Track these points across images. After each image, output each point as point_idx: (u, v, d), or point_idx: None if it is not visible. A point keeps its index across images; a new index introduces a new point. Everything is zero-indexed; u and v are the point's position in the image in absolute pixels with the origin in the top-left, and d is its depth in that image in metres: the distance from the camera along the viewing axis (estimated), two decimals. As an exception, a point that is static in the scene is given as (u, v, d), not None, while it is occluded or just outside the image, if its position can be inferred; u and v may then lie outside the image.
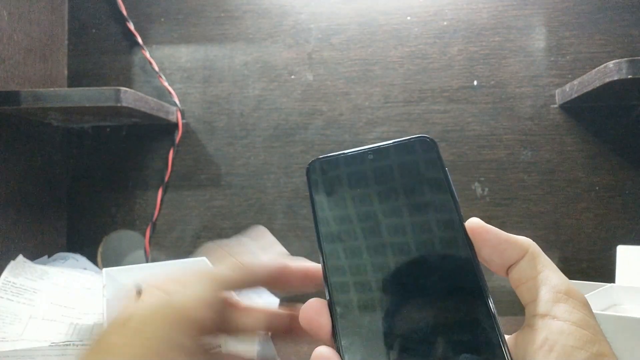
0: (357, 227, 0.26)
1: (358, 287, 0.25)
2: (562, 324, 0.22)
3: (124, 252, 0.84)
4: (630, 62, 0.59)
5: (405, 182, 0.26)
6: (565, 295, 0.22)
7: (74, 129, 0.85)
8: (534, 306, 0.23)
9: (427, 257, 0.24)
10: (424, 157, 0.26)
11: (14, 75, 0.71)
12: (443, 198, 0.25)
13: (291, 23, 0.83)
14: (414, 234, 0.25)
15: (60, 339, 0.56)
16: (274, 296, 0.80)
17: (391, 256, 0.25)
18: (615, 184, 0.78)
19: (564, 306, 0.22)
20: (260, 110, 0.83)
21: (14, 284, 0.62)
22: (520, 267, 0.24)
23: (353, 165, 0.27)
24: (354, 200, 0.26)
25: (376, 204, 0.26)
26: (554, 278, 0.23)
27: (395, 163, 0.27)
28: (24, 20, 0.74)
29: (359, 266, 0.25)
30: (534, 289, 0.23)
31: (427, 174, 0.26)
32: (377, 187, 0.26)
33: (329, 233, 0.26)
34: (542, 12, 0.80)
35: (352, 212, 0.26)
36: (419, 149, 0.27)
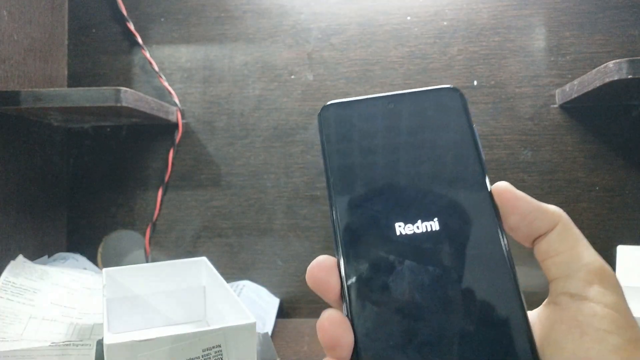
0: (371, 181, 0.23)
1: (371, 246, 0.22)
2: (594, 306, 0.20)
3: (124, 252, 0.84)
4: (630, 62, 0.59)
5: (426, 134, 0.24)
6: (599, 276, 0.21)
7: (74, 129, 0.85)
8: (562, 284, 0.21)
9: (447, 221, 0.22)
10: (449, 109, 0.24)
11: (14, 75, 0.71)
12: (468, 156, 0.23)
13: (291, 23, 0.83)
14: (433, 194, 0.23)
15: (60, 339, 0.56)
16: (274, 296, 0.80)
17: (407, 215, 0.22)
18: (615, 184, 0.78)
19: (597, 288, 0.20)
20: (260, 110, 0.83)
21: (14, 284, 0.62)
22: (550, 240, 0.22)
23: (371, 113, 0.24)
24: (369, 151, 0.24)
25: (393, 157, 0.23)
26: (587, 255, 0.22)
27: (417, 113, 0.24)
28: (24, 20, 0.74)
29: (372, 222, 0.22)
30: (564, 265, 0.21)
31: (451, 128, 0.24)
32: (395, 138, 0.24)
33: (340, 185, 0.23)
34: (542, 12, 0.80)
35: (367, 163, 0.23)
36: (444, 100, 0.24)
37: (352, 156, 0.24)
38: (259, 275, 0.82)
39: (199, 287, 0.65)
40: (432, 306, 0.21)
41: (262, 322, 0.70)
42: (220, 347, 0.45)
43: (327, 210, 0.81)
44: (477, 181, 0.23)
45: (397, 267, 0.22)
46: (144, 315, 0.63)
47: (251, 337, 0.46)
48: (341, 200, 0.23)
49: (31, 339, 0.56)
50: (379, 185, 0.23)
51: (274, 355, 0.59)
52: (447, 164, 0.23)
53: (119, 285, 0.62)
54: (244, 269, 0.82)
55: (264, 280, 0.81)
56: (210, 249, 0.83)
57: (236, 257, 0.83)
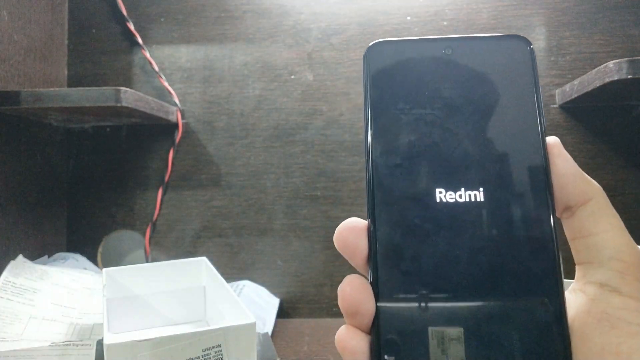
0: (415, 138, 0.21)
1: (405, 211, 0.20)
2: (626, 300, 0.19)
3: (124, 252, 0.84)
4: (630, 62, 0.59)
5: (483, 91, 0.21)
6: (633, 267, 0.19)
7: (74, 129, 0.85)
8: (592, 271, 0.20)
9: (493, 193, 0.20)
10: (513, 64, 0.22)
11: (14, 75, 0.71)
12: (527, 123, 0.21)
13: (291, 23, 0.83)
14: (482, 161, 0.20)
15: (60, 339, 0.56)
16: (274, 296, 0.80)
17: (450, 182, 0.20)
18: (615, 184, 0.78)
19: (630, 279, 0.19)
20: (260, 110, 0.83)
21: (14, 284, 0.62)
22: (582, 216, 0.21)
23: (424, 58, 0.22)
24: (416, 104, 0.21)
25: (442, 113, 0.21)
26: (622, 242, 0.20)
27: (476, 64, 0.21)
28: (24, 20, 0.74)
29: (411, 185, 0.20)
30: (595, 250, 0.20)
31: (513, 86, 0.21)
32: (447, 91, 0.21)
33: (380, 139, 0.21)
34: (542, 12, 0.80)
35: (412, 118, 0.21)
36: (509, 52, 0.22)
37: (397, 108, 0.21)
38: (259, 275, 0.82)
39: (199, 287, 0.65)
40: (464, 284, 0.19)
41: (262, 322, 0.70)
42: (220, 347, 0.45)
43: (327, 210, 0.81)
44: (534, 153, 0.20)
45: (431, 236, 0.20)
46: (144, 315, 0.63)
47: (251, 337, 0.46)
48: (379, 156, 0.21)
49: (31, 339, 0.56)
50: (423, 144, 0.21)
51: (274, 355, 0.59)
52: (503, 128, 0.21)
53: (119, 285, 0.62)
54: (244, 269, 0.82)
55: (264, 280, 0.81)
56: (210, 249, 0.83)
57: (236, 257, 0.83)
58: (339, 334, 0.20)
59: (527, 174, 0.20)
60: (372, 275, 0.20)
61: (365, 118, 0.21)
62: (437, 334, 0.19)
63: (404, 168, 0.21)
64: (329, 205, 0.81)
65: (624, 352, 0.18)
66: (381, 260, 0.20)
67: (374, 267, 0.20)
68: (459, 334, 0.19)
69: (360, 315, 0.20)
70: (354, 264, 0.21)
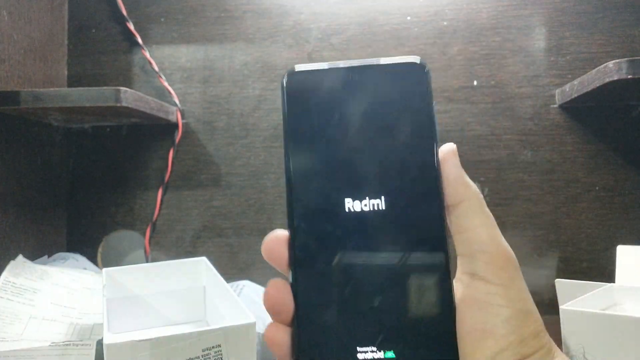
0: (325, 155, 0.24)
1: (318, 219, 0.24)
2: (490, 286, 0.23)
3: (124, 252, 0.84)
4: (630, 62, 0.59)
5: (384, 111, 0.24)
6: (496, 258, 0.23)
7: (74, 129, 0.85)
8: (466, 262, 0.24)
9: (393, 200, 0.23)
10: (411, 86, 0.24)
11: (14, 75, 0.71)
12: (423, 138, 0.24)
13: (291, 23, 0.83)
14: (383, 172, 0.24)
15: (60, 339, 0.56)
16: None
17: (356, 192, 0.24)
18: (615, 184, 0.78)
19: (493, 269, 0.23)
20: (260, 110, 0.83)
21: (14, 284, 0.62)
22: (458, 214, 0.24)
23: (333, 83, 0.25)
24: (326, 124, 0.24)
25: (349, 132, 0.24)
26: (488, 237, 0.23)
27: (379, 88, 0.24)
28: (24, 20, 0.74)
29: (322, 197, 0.24)
30: (467, 244, 0.23)
31: (411, 105, 0.24)
32: (353, 113, 0.24)
33: (296, 157, 0.24)
34: (542, 12, 0.80)
35: (323, 137, 0.24)
36: (408, 75, 0.25)
37: (309, 128, 0.24)
38: (259, 275, 0.82)
39: (199, 287, 0.65)
40: (367, 281, 0.23)
41: (262, 322, 0.70)
42: (220, 347, 0.45)
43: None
44: (427, 163, 0.24)
45: (340, 241, 0.23)
46: (144, 315, 0.63)
47: (251, 337, 0.46)
48: (295, 171, 0.24)
49: (31, 339, 0.56)
50: (333, 160, 0.24)
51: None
52: (401, 143, 0.24)
53: (119, 285, 0.62)
54: (244, 269, 0.82)
55: (264, 280, 0.81)
56: (210, 249, 0.83)
57: (236, 257, 0.83)
58: (267, 329, 0.24)
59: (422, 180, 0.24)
60: (292, 278, 0.23)
61: (284, 137, 0.24)
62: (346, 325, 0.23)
63: (316, 184, 0.24)
64: (329, 205, 0.81)
65: (488, 330, 0.22)
66: (298, 265, 0.23)
67: (293, 271, 0.23)
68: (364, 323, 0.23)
69: (282, 313, 0.23)
70: (280, 269, 0.24)
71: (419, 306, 0.23)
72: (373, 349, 0.22)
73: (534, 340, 0.22)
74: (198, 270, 0.65)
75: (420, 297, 0.23)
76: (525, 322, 0.22)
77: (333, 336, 0.23)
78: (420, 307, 0.23)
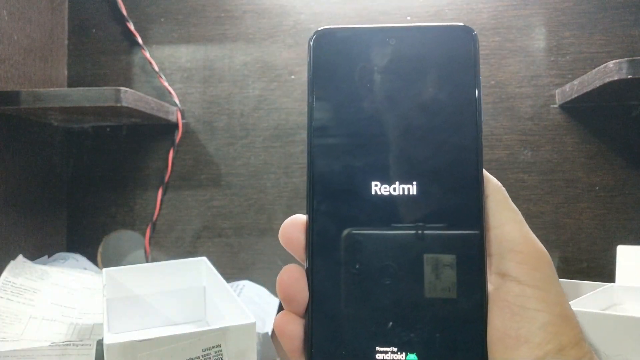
0: (354, 131, 0.21)
1: (340, 203, 0.21)
2: (524, 288, 0.20)
3: (124, 252, 0.84)
4: (630, 62, 0.59)
5: (423, 82, 0.21)
6: (528, 256, 0.21)
7: (74, 129, 0.85)
8: (495, 262, 0.21)
9: (426, 188, 0.21)
10: (456, 54, 0.21)
11: (14, 75, 0.71)
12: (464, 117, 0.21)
13: (291, 23, 0.83)
14: (417, 155, 0.21)
15: (60, 339, 0.56)
16: (274, 296, 0.80)
17: (385, 175, 0.21)
18: (615, 184, 0.78)
19: (526, 268, 0.21)
20: (260, 110, 0.83)
21: (14, 284, 0.62)
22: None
23: (367, 48, 0.21)
24: (357, 96, 0.21)
25: (382, 106, 0.21)
26: (518, 235, 0.21)
27: (419, 54, 0.21)
28: (24, 20, 0.74)
29: (347, 178, 0.21)
30: (496, 243, 0.21)
31: (454, 77, 0.21)
32: (388, 83, 0.21)
33: (320, 131, 0.21)
34: (542, 12, 0.80)
35: (352, 111, 0.21)
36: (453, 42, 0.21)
37: (337, 100, 0.21)
38: (259, 275, 0.82)
39: (199, 287, 0.65)
40: (391, 274, 0.21)
41: (262, 322, 0.70)
42: (220, 347, 0.45)
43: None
44: (468, 146, 0.21)
45: (363, 229, 0.21)
46: (144, 315, 0.63)
47: (251, 337, 0.46)
48: (319, 148, 0.21)
49: (31, 339, 0.56)
50: (361, 136, 0.21)
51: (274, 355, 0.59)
52: (440, 122, 0.21)
53: (119, 285, 0.62)
54: (244, 269, 0.82)
55: (264, 280, 0.81)
56: (210, 249, 0.83)
57: (236, 257, 0.83)
58: (277, 319, 0.22)
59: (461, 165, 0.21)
60: (308, 265, 0.21)
61: (308, 109, 0.22)
62: (365, 321, 0.20)
63: (341, 162, 0.21)
64: (329, 205, 0.81)
65: (522, 336, 0.20)
66: (315, 251, 0.21)
67: (309, 257, 0.21)
68: (386, 319, 0.20)
69: (295, 302, 0.21)
70: (297, 256, 0.22)
71: (448, 306, 0.20)
72: (394, 350, 0.20)
73: (574, 349, 0.20)
74: (198, 270, 0.65)
75: (450, 297, 0.21)
76: (564, 329, 0.20)
77: (350, 332, 0.20)
78: (448, 307, 0.20)
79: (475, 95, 0.21)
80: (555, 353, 0.20)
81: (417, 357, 0.20)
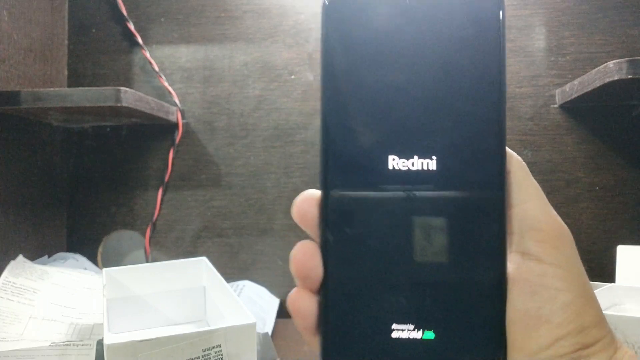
0: (370, 102, 0.20)
1: (355, 177, 0.20)
2: (545, 266, 0.20)
3: (124, 252, 0.84)
4: (630, 62, 0.59)
5: (444, 50, 0.20)
6: (549, 235, 0.21)
7: (74, 129, 0.85)
8: (515, 241, 0.21)
9: (446, 162, 0.20)
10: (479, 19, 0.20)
11: (14, 75, 0.71)
12: (487, 88, 0.20)
13: (291, 23, 0.83)
14: (438, 128, 0.20)
15: (60, 339, 0.56)
16: (274, 296, 0.80)
17: (403, 148, 0.20)
18: (615, 184, 0.78)
19: (548, 247, 0.20)
20: (260, 110, 0.83)
21: (14, 284, 0.62)
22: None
23: (384, 12, 0.21)
24: (373, 64, 0.20)
25: (400, 75, 0.20)
26: (540, 213, 0.21)
27: (440, 19, 0.20)
28: (24, 20, 0.74)
29: (363, 151, 0.20)
30: (517, 221, 0.21)
31: (476, 46, 0.20)
32: (407, 50, 0.20)
33: (335, 103, 0.21)
34: (542, 12, 0.80)
35: (368, 80, 0.20)
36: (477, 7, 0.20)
37: (352, 66, 0.21)
38: (259, 275, 0.82)
39: (199, 287, 0.65)
40: (408, 250, 0.20)
41: (262, 322, 0.70)
42: (220, 347, 0.45)
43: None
44: (491, 122, 0.20)
45: (379, 203, 0.20)
46: (144, 315, 0.63)
47: (251, 337, 0.46)
48: (333, 120, 0.20)
49: (31, 339, 0.56)
50: (378, 107, 0.20)
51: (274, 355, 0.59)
52: (462, 93, 0.20)
53: (119, 285, 0.62)
54: (244, 269, 0.82)
55: (264, 280, 0.81)
56: (210, 249, 0.83)
57: (236, 257, 0.83)
58: (290, 295, 0.21)
59: (483, 141, 0.20)
60: (321, 241, 0.21)
61: (321, 78, 0.21)
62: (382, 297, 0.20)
63: (356, 134, 0.20)
64: (329, 205, 0.81)
65: (543, 316, 0.19)
66: (329, 225, 0.20)
67: (323, 232, 0.20)
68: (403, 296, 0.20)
69: (309, 278, 0.21)
70: (311, 233, 0.22)
71: (467, 284, 0.20)
72: (410, 328, 0.20)
73: (595, 329, 0.20)
74: (198, 270, 0.65)
75: (469, 274, 0.20)
76: (586, 309, 0.20)
77: (365, 309, 0.20)
78: (468, 285, 0.20)
79: (500, 65, 0.20)
80: (576, 333, 0.19)
81: (435, 335, 0.20)
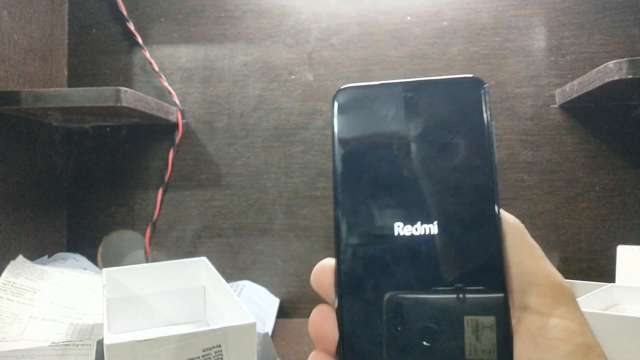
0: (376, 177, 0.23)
1: (365, 243, 0.22)
2: (546, 320, 0.21)
3: (124, 252, 0.84)
4: (630, 62, 0.59)
5: (440, 130, 0.23)
6: (549, 289, 0.22)
7: (74, 129, 0.85)
8: (517, 296, 0.22)
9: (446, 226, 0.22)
10: (467, 104, 0.23)
11: (14, 75, 0.71)
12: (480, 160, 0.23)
13: (291, 23, 0.83)
14: (437, 196, 0.22)
15: (60, 339, 0.56)
16: (274, 296, 0.80)
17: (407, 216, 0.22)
18: (615, 184, 0.78)
19: (549, 301, 0.21)
20: (260, 110, 0.83)
21: (14, 284, 0.62)
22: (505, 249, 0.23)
23: (386, 101, 0.24)
24: (378, 145, 0.23)
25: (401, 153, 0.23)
26: (538, 269, 0.22)
27: (434, 105, 0.23)
28: (24, 20, 0.74)
29: (371, 220, 0.22)
30: (517, 278, 0.22)
31: (467, 125, 0.23)
32: (407, 132, 0.23)
33: (346, 180, 0.23)
34: (542, 12, 0.80)
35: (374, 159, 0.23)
36: (464, 93, 0.23)
37: (361, 150, 0.23)
38: (259, 275, 0.82)
39: (199, 287, 0.65)
40: (415, 314, 0.22)
41: (262, 322, 0.70)
42: (220, 347, 0.45)
43: (327, 210, 0.81)
44: (485, 188, 0.22)
45: (388, 269, 0.22)
46: (144, 315, 0.63)
47: (251, 337, 0.46)
48: (345, 195, 0.23)
49: (31, 339, 0.56)
50: (384, 184, 0.23)
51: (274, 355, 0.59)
52: (457, 165, 0.23)
53: (119, 285, 0.62)
54: (244, 269, 0.82)
55: (264, 280, 0.81)
56: (210, 249, 0.83)
57: (236, 257, 0.83)
58: (310, 358, 0.23)
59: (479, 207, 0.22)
60: (337, 305, 0.22)
61: (332, 159, 0.24)
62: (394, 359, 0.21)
63: (365, 205, 0.23)
64: (329, 205, 0.81)
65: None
66: (343, 292, 0.22)
67: (338, 298, 0.22)
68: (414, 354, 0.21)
69: (327, 341, 0.22)
70: (328, 299, 0.23)
71: (474, 345, 0.21)
72: None
73: None
74: (198, 270, 0.65)
75: (475, 335, 0.21)
76: (588, 357, 0.21)
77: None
78: (474, 346, 0.21)
79: (488, 141, 0.23)
80: None
81: None
